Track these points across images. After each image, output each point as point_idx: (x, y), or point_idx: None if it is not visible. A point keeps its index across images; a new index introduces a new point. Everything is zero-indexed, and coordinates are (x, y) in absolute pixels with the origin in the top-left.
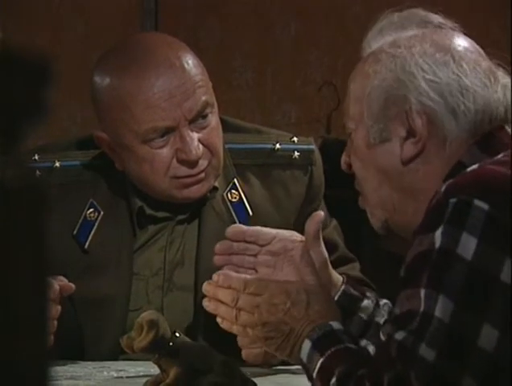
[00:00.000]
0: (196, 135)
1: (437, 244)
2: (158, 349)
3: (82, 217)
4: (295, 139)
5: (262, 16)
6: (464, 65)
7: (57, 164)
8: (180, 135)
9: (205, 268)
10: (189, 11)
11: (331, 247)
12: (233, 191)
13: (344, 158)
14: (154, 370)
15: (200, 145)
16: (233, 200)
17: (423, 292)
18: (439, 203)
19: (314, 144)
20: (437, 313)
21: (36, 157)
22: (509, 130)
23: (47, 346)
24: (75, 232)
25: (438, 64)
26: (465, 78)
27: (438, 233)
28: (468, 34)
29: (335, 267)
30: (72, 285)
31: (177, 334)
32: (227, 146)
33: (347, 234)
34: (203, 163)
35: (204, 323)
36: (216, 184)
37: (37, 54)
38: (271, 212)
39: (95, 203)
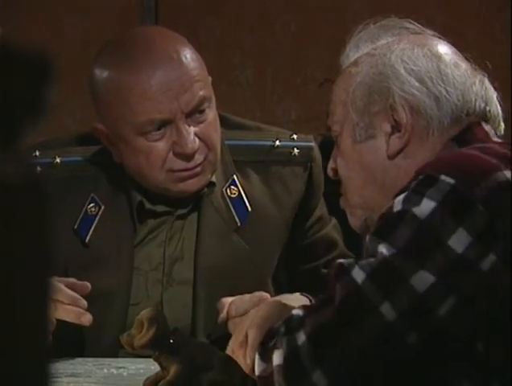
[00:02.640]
0: (192, 129)
1: (396, 207)
2: (158, 346)
3: (83, 212)
4: (295, 136)
5: (261, 14)
6: (443, 56)
7: (58, 160)
8: (177, 128)
9: (204, 263)
10: (189, 9)
11: (330, 245)
12: (233, 187)
13: (330, 164)
14: (154, 367)
15: (197, 139)
16: (233, 196)
17: (375, 245)
18: (409, 183)
19: (313, 141)
20: (380, 250)
21: (37, 153)
22: (485, 127)
23: (47, 345)
24: (76, 226)
25: (417, 55)
26: (444, 66)
27: (399, 198)
28: (468, 34)
29: None
30: (87, 284)
31: (177, 332)
32: (227, 143)
33: (346, 232)
34: (199, 157)
35: (203, 318)
36: (214, 179)
37: (37, 51)
38: (270, 208)
39: (96, 197)
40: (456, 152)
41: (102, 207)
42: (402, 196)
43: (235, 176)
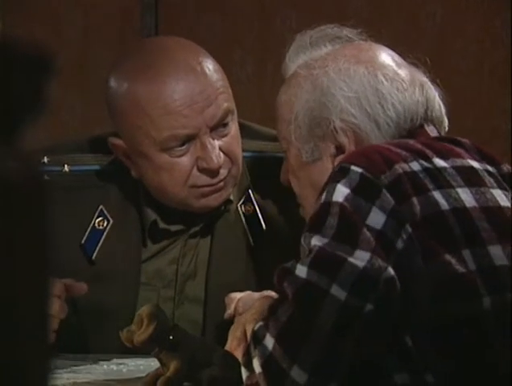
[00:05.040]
0: (216, 143)
1: (320, 201)
2: (158, 342)
3: (91, 226)
4: None
5: (262, 9)
6: (379, 74)
7: (66, 168)
8: (201, 143)
9: (216, 282)
10: (189, 4)
11: None
12: (248, 204)
13: (282, 176)
14: (154, 363)
15: (221, 154)
16: (247, 213)
17: (308, 241)
18: (330, 176)
19: None
20: (314, 243)
21: (45, 159)
22: (428, 129)
23: (47, 342)
24: (83, 241)
25: (353, 78)
26: (382, 87)
27: (323, 194)
28: (469, 30)
29: None
30: (84, 285)
31: (177, 328)
32: (245, 154)
33: None
34: (223, 172)
35: (213, 336)
36: (231, 197)
37: (37, 47)
38: (284, 224)
39: (105, 211)
40: (369, 146)
41: (111, 222)
42: (324, 192)
43: (250, 191)
